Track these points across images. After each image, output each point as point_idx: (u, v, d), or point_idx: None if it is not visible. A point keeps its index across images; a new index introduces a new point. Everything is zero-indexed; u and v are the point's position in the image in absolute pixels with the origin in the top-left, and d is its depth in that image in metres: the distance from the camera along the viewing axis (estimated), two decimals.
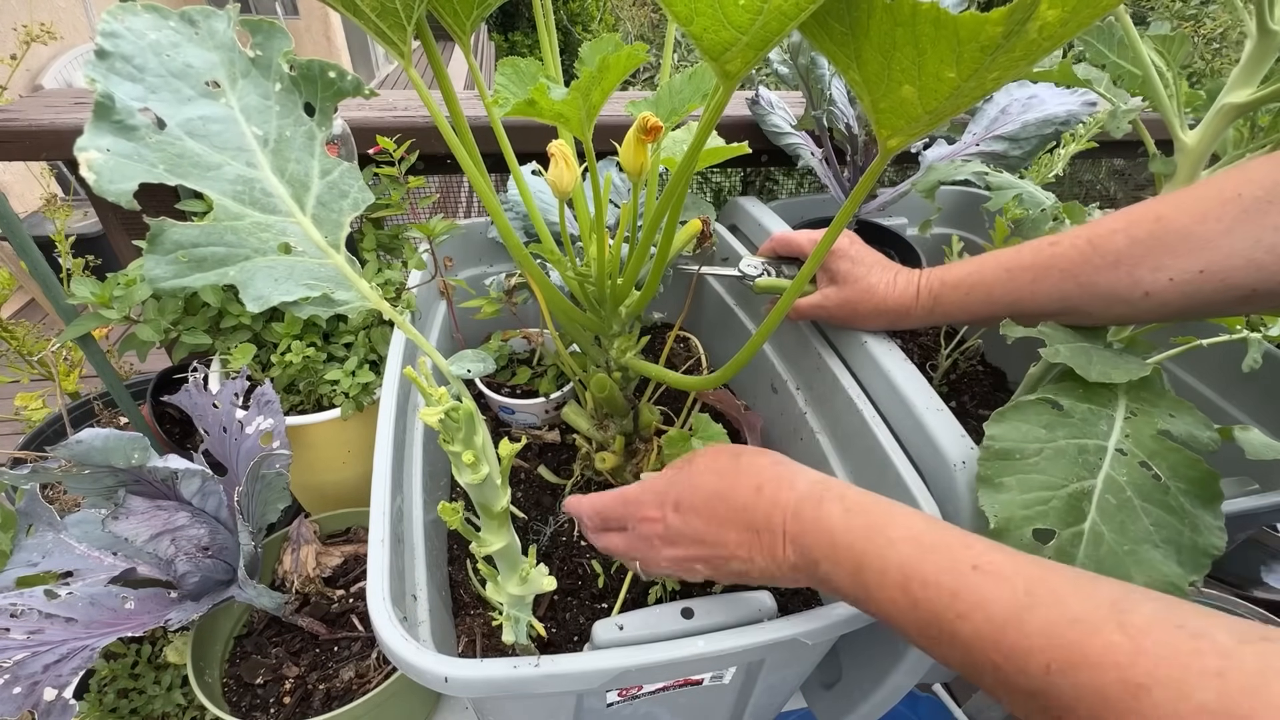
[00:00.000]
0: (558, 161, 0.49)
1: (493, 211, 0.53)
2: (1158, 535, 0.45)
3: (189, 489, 0.60)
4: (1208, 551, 0.44)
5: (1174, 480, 0.46)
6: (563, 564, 0.66)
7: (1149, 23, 0.75)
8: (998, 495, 0.45)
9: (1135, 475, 0.46)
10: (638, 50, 0.42)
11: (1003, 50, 0.31)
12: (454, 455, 0.39)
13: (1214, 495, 0.45)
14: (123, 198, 0.33)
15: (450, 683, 0.40)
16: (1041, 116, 0.80)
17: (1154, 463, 0.47)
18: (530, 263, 0.55)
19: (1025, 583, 0.32)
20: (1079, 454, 0.47)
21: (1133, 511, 0.45)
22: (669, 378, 0.59)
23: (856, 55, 0.36)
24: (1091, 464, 0.47)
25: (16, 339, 0.91)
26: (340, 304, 0.39)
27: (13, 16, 2.88)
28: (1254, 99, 0.51)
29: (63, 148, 0.82)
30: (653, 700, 0.51)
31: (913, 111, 0.36)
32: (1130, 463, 0.47)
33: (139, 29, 0.37)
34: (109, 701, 0.68)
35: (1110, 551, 0.44)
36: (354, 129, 0.77)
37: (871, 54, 0.35)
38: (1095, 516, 0.45)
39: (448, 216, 0.77)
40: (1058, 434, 0.48)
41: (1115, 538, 0.44)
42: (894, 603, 0.36)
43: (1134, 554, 0.44)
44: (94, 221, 1.01)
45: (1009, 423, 0.48)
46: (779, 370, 0.74)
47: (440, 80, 0.51)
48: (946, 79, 0.33)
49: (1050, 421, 0.49)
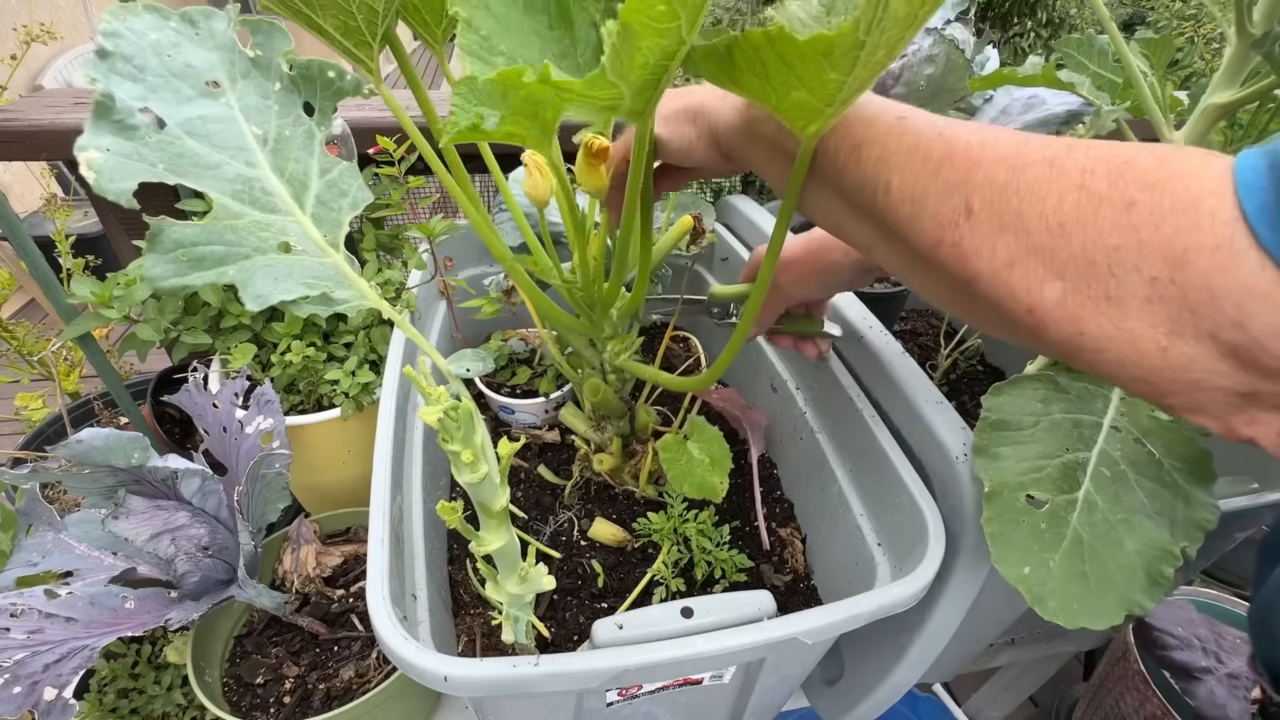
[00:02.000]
0: (531, 171, 0.49)
1: (474, 222, 0.52)
2: (1151, 506, 0.45)
3: (189, 489, 0.60)
4: (1200, 525, 0.44)
5: (1168, 457, 0.47)
6: (563, 564, 0.66)
7: (1148, 22, 0.75)
8: (993, 463, 0.46)
9: (1130, 450, 0.47)
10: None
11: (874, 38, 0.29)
12: (453, 454, 0.39)
13: (1207, 474, 0.46)
14: (122, 197, 0.33)
15: (450, 682, 0.40)
16: (1042, 116, 0.80)
17: (1148, 440, 0.48)
18: (518, 271, 0.55)
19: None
20: (1074, 427, 0.48)
21: (1127, 483, 0.46)
22: (662, 379, 0.59)
23: (734, 79, 0.35)
24: (1087, 438, 0.48)
25: (16, 339, 0.91)
26: (339, 303, 0.39)
27: (13, 16, 2.88)
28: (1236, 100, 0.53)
29: (63, 148, 0.82)
30: (652, 700, 0.51)
31: (815, 106, 0.35)
32: (1125, 439, 0.48)
33: (140, 29, 0.37)
34: (109, 701, 0.68)
35: (1104, 519, 0.45)
36: (354, 129, 0.77)
37: (748, 77, 0.34)
38: (1089, 486, 0.46)
39: (448, 216, 0.78)
40: (1053, 408, 0.49)
41: (1109, 506, 0.45)
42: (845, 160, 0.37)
43: (1127, 522, 0.45)
44: (94, 221, 1.01)
45: (1007, 396, 0.49)
46: (778, 370, 0.74)
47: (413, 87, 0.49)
48: (829, 79, 0.32)
49: (1047, 396, 0.49)
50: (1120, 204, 0.28)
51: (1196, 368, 0.28)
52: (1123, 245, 0.27)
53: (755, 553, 0.68)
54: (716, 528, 0.67)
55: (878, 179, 0.36)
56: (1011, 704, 1.09)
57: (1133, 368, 0.29)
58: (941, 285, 0.37)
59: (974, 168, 0.32)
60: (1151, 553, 0.44)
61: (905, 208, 0.35)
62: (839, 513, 0.62)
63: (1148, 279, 0.27)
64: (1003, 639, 0.84)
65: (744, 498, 0.73)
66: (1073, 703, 0.99)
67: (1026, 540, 0.44)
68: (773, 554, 0.68)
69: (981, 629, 0.74)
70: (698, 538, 0.65)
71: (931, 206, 0.33)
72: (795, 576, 0.67)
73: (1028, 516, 0.45)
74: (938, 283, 0.37)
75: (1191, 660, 0.71)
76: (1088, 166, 0.29)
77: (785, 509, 0.73)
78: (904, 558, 0.52)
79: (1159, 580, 0.43)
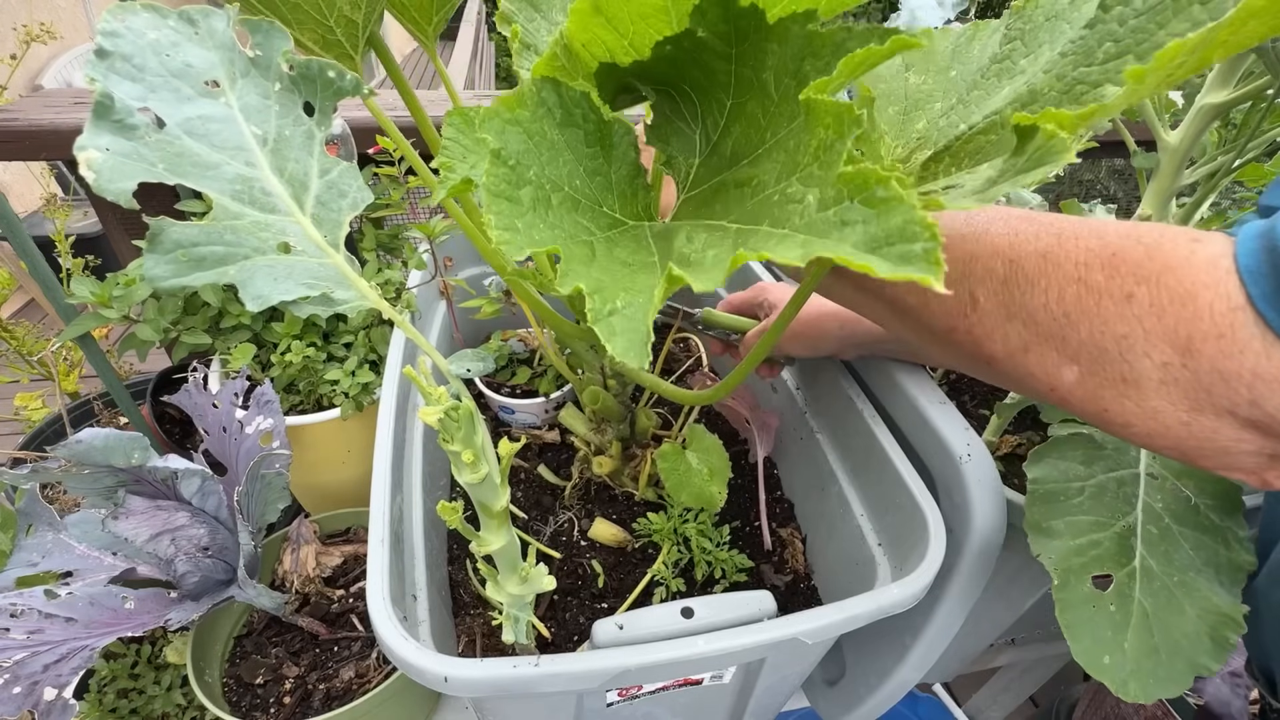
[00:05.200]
0: None
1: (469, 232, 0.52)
2: (1198, 559, 0.47)
3: (189, 489, 0.60)
4: (1242, 567, 0.47)
5: (1201, 497, 0.48)
6: (563, 564, 0.66)
7: None
8: (1050, 541, 0.47)
9: (1169, 499, 0.49)
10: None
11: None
12: (453, 454, 0.39)
13: (1235, 505, 0.48)
14: (122, 197, 0.33)
15: (450, 682, 0.40)
16: None
17: (1182, 483, 0.49)
18: (516, 282, 0.55)
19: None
20: (1118, 487, 0.49)
21: (1173, 539, 0.47)
22: (664, 390, 0.59)
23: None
24: (1129, 495, 0.49)
25: (16, 339, 0.91)
26: (339, 303, 0.39)
27: (12, 16, 2.88)
28: (1230, 100, 0.53)
29: (63, 148, 0.82)
30: (653, 700, 0.51)
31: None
32: (1162, 486, 0.49)
33: (139, 28, 0.37)
34: (109, 701, 0.68)
35: (1162, 586, 0.46)
36: (354, 129, 0.77)
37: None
38: (1143, 551, 0.47)
39: (447, 216, 0.77)
40: (1095, 468, 0.50)
41: (1164, 569, 0.47)
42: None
43: (1183, 584, 0.46)
44: (94, 221, 1.01)
45: (1049, 462, 0.50)
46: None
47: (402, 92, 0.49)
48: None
49: (1087, 456, 0.50)
50: (1119, 296, 0.28)
51: (1221, 437, 0.28)
52: (1129, 334, 0.28)
53: (755, 553, 0.68)
54: (716, 528, 0.67)
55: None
56: (1012, 704, 1.09)
57: (1160, 439, 0.30)
58: (961, 360, 0.38)
59: (971, 260, 0.33)
60: (1212, 618, 0.45)
61: (912, 297, 0.36)
62: (839, 513, 0.61)
63: (1159, 364, 0.28)
64: (1003, 639, 0.84)
65: (744, 497, 0.73)
66: (1073, 703, 0.99)
67: (1100, 628, 0.45)
68: (773, 554, 0.68)
69: (982, 629, 0.74)
70: (698, 538, 0.65)
71: (937, 296, 0.34)
72: (795, 577, 0.66)
73: (1098, 602, 0.46)
74: (957, 358, 0.38)
75: None
76: (1080, 259, 0.30)
77: (785, 509, 0.73)
78: (904, 558, 0.52)
79: (1223, 645, 0.45)
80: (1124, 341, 0.28)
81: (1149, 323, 0.28)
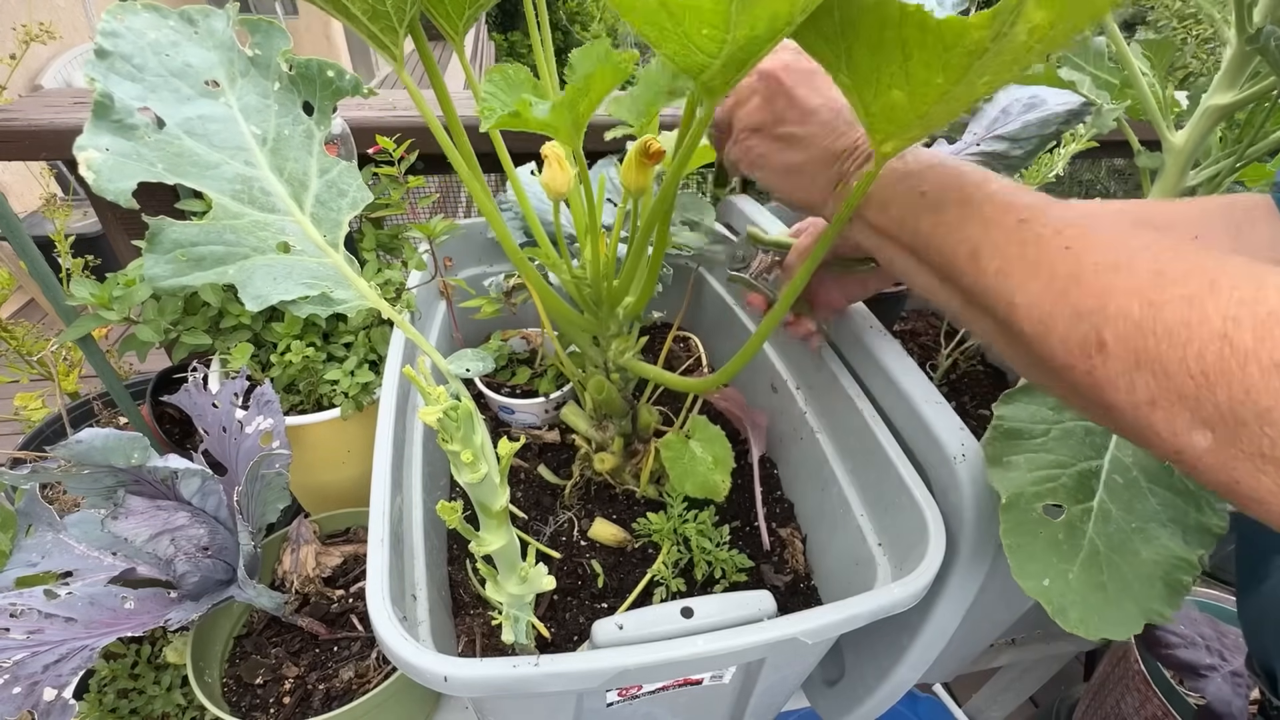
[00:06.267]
0: (551, 164, 0.49)
1: (488, 214, 0.53)
2: (1164, 514, 0.46)
3: (189, 489, 0.60)
4: (1212, 530, 0.45)
5: None
6: (562, 564, 0.66)
7: (1148, 21, 0.75)
8: (1007, 473, 0.46)
9: (1141, 456, 0.47)
10: (624, 62, 0.41)
11: (991, 54, 0.30)
12: (453, 454, 0.39)
13: None
14: (122, 196, 0.33)
15: (450, 682, 0.40)
16: (1043, 116, 0.80)
17: None
18: (526, 265, 0.55)
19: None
20: (1086, 434, 0.48)
21: (1139, 491, 0.46)
22: (667, 379, 0.59)
23: (847, 54, 0.35)
24: (1098, 445, 0.48)
25: (16, 339, 0.91)
26: (339, 303, 0.39)
27: (12, 16, 2.88)
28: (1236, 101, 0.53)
29: (62, 148, 0.82)
30: (652, 700, 0.51)
31: (904, 117, 0.35)
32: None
33: (138, 28, 0.37)
34: (109, 701, 0.68)
35: (1119, 528, 0.45)
36: (353, 128, 0.77)
37: (861, 54, 0.34)
38: (1103, 495, 0.46)
39: (448, 216, 0.77)
40: (1065, 415, 0.49)
41: (1123, 515, 0.45)
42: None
43: (1142, 531, 0.45)
44: (94, 221, 1.01)
45: (1018, 403, 0.49)
46: (779, 370, 0.74)
47: (434, 80, 0.50)
48: (935, 84, 0.32)
49: (1059, 403, 0.49)
50: (1269, 364, 0.26)
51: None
52: (1275, 408, 0.26)
53: (755, 553, 0.68)
54: (716, 528, 0.67)
55: (999, 292, 0.35)
56: (1012, 704, 1.09)
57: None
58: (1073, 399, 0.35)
59: (1106, 296, 0.30)
60: (1169, 562, 0.44)
61: (1030, 326, 0.34)
62: (839, 513, 0.61)
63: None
64: (1003, 639, 0.84)
65: (744, 498, 0.73)
66: (1073, 703, 1.00)
67: (1044, 552, 0.44)
68: (773, 554, 0.68)
69: (981, 629, 0.74)
70: (698, 538, 0.65)
71: (1060, 330, 0.32)
72: (795, 577, 0.66)
73: (1044, 528, 0.44)
74: (1069, 396, 0.35)
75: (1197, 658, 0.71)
76: (1230, 313, 0.27)
77: (785, 509, 0.73)
78: (904, 558, 0.52)
79: (1178, 589, 0.44)
80: (1268, 415, 0.26)
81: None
